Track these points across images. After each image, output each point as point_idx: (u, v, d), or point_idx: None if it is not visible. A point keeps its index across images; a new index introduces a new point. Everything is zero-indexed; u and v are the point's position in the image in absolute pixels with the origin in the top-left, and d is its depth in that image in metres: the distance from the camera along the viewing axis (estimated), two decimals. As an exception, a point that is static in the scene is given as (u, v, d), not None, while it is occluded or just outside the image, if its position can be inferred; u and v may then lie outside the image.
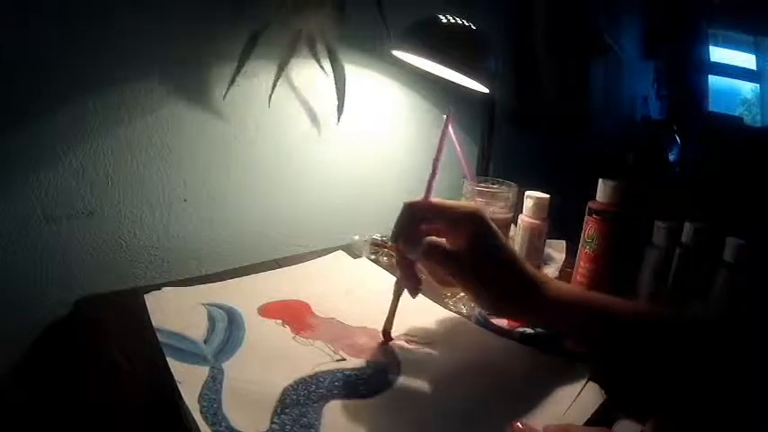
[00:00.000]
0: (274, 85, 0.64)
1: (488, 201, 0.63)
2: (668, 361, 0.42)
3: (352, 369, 0.44)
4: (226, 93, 0.61)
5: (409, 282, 0.45)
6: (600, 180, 0.61)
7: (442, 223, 0.43)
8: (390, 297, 0.48)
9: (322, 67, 0.67)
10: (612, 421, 0.39)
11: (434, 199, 0.46)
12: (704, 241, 0.56)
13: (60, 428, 0.54)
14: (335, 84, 0.68)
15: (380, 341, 0.49)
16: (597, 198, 0.61)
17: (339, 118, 0.70)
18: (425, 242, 0.42)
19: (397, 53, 0.63)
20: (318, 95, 0.70)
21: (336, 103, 0.70)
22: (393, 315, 0.49)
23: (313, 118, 0.71)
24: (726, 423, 0.37)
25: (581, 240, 0.63)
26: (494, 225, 0.43)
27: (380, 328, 0.50)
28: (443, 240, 0.42)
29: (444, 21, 0.59)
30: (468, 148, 0.92)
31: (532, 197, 0.63)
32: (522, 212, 0.64)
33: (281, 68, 0.64)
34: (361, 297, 0.57)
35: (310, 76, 0.68)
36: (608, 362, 0.45)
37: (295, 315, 0.52)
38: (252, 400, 0.38)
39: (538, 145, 1.02)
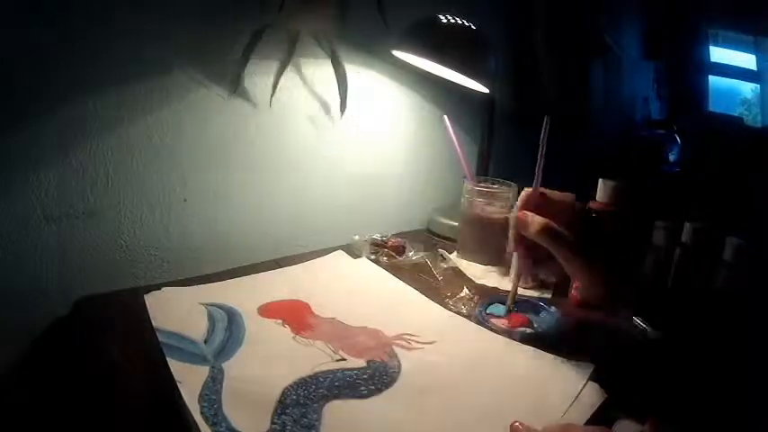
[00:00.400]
0: (275, 87, 0.64)
1: (488, 201, 0.64)
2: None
3: (353, 369, 0.44)
4: (235, 90, 0.62)
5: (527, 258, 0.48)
6: (600, 180, 0.61)
7: (548, 210, 0.46)
8: (389, 298, 0.48)
9: (334, 64, 0.67)
10: (612, 421, 0.39)
11: (543, 189, 0.49)
12: (704, 241, 0.56)
13: (60, 428, 0.54)
14: (337, 81, 0.68)
15: (378, 339, 0.49)
16: (597, 198, 0.61)
17: (342, 113, 0.71)
18: (542, 222, 0.45)
19: (397, 53, 0.63)
20: (319, 96, 0.70)
21: (339, 100, 0.70)
22: (515, 293, 0.52)
23: (313, 118, 0.71)
24: (725, 422, 0.37)
25: None
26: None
27: (380, 328, 0.50)
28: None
29: (444, 21, 0.59)
30: (468, 148, 0.92)
31: (532, 197, 0.62)
32: (522, 212, 0.64)
33: (282, 69, 0.64)
34: (361, 297, 0.57)
35: (311, 76, 0.68)
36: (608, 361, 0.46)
37: (295, 315, 0.52)
38: (252, 401, 0.38)
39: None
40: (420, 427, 0.38)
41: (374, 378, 0.43)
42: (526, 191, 0.49)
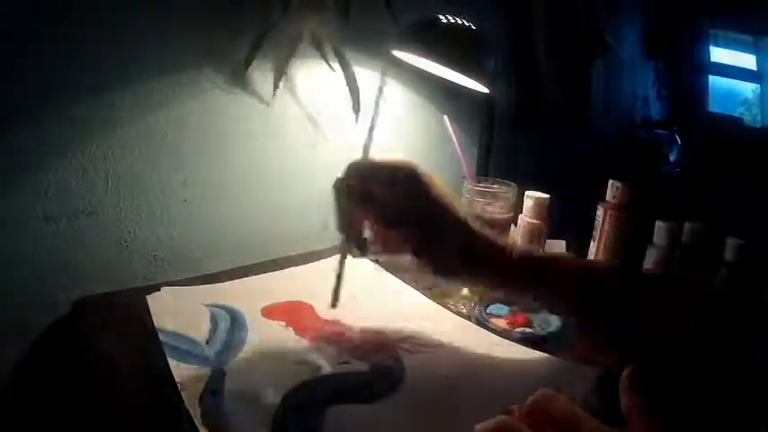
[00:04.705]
0: (276, 86, 0.64)
1: (488, 201, 0.63)
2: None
3: (356, 372, 0.44)
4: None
5: (354, 242, 0.46)
6: (610, 181, 0.61)
7: (381, 181, 0.43)
8: (391, 299, 0.48)
9: (331, 66, 0.66)
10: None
11: (373, 157, 0.46)
12: (704, 241, 0.56)
13: (60, 429, 0.54)
14: (347, 84, 0.68)
15: (382, 342, 0.49)
16: (607, 199, 0.61)
17: (357, 118, 0.70)
18: (363, 198, 0.43)
19: (397, 53, 0.63)
20: (320, 96, 0.70)
21: (351, 104, 0.70)
22: (340, 286, 0.48)
23: (314, 118, 0.71)
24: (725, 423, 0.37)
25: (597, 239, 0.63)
26: (428, 176, 0.42)
27: (383, 330, 0.50)
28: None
29: (444, 21, 0.59)
30: (468, 148, 0.92)
31: (532, 197, 0.63)
32: (522, 212, 0.64)
33: (282, 69, 0.64)
34: (364, 299, 0.57)
35: (312, 76, 0.68)
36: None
37: (299, 317, 0.52)
38: (254, 404, 0.38)
39: (538, 145, 1.02)
40: (423, 429, 0.38)
41: (377, 381, 0.43)
42: (351, 163, 0.45)
